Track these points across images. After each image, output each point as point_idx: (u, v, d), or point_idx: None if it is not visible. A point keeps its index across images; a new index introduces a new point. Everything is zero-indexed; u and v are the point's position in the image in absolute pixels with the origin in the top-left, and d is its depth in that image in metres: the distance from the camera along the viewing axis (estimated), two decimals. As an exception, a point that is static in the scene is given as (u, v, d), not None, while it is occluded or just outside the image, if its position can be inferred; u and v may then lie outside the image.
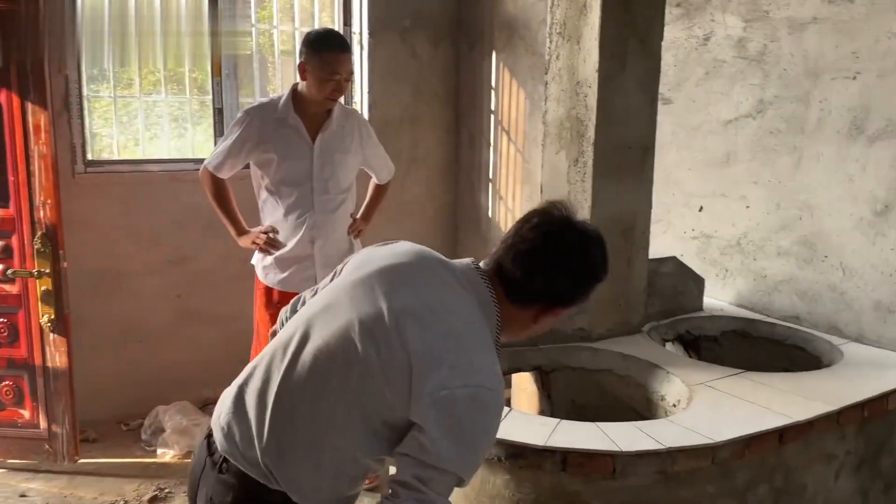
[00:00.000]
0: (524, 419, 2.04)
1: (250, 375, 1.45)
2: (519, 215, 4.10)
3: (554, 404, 2.54)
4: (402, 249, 1.48)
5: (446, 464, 1.26)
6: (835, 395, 2.15)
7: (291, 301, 1.72)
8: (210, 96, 3.80)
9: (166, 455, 3.34)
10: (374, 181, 3.13)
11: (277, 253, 2.86)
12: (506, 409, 2.05)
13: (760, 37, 2.89)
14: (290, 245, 2.85)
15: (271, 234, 2.86)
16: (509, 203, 4.25)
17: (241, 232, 2.88)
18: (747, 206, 3.00)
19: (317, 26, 4.17)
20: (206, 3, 3.69)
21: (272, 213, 2.88)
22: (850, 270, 2.67)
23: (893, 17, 2.46)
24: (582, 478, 1.84)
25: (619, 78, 2.44)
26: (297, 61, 2.74)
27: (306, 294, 1.68)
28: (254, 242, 2.87)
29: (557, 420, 1.99)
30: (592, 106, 2.43)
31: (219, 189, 2.85)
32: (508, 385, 2.78)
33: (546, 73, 2.65)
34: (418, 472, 1.27)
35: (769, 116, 2.88)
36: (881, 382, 2.25)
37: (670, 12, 3.06)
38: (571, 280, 1.39)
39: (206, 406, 3.81)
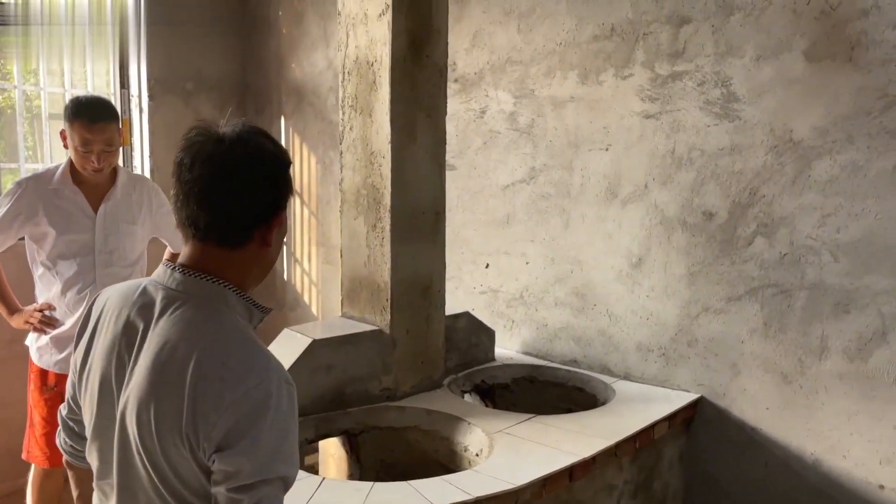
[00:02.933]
0: (338, 487, 2.06)
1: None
2: (316, 277, 4.19)
3: (363, 466, 2.58)
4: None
5: (265, 470, 1.12)
6: (612, 430, 2.41)
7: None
8: (-36, 161, 3.44)
9: (-86, 576, 2.87)
10: (169, 249, 3.01)
11: (54, 332, 2.64)
12: (318, 478, 2.06)
13: (529, 112, 3.23)
14: (68, 323, 2.65)
15: (47, 313, 2.64)
16: (305, 265, 4.27)
17: (13, 311, 2.63)
18: (527, 262, 3.29)
19: (90, 89, 3.95)
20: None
21: (48, 288, 2.66)
22: (615, 316, 3.02)
23: (633, 98, 2.89)
24: (398, 537, 1.90)
25: (411, 148, 2.61)
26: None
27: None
28: (27, 322, 2.62)
29: (371, 484, 2.03)
30: (387, 175, 2.56)
31: (-15, 266, 2.59)
32: (316, 451, 2.78)
33: (340, 143, 2.75)
34: None
35: (540, 182, 3.22)
36: (647, 415, 2.57)
37: (450, 87, 3.33)
38: (267, 183, 1.24)
39: (-36, 511, 3.34)
